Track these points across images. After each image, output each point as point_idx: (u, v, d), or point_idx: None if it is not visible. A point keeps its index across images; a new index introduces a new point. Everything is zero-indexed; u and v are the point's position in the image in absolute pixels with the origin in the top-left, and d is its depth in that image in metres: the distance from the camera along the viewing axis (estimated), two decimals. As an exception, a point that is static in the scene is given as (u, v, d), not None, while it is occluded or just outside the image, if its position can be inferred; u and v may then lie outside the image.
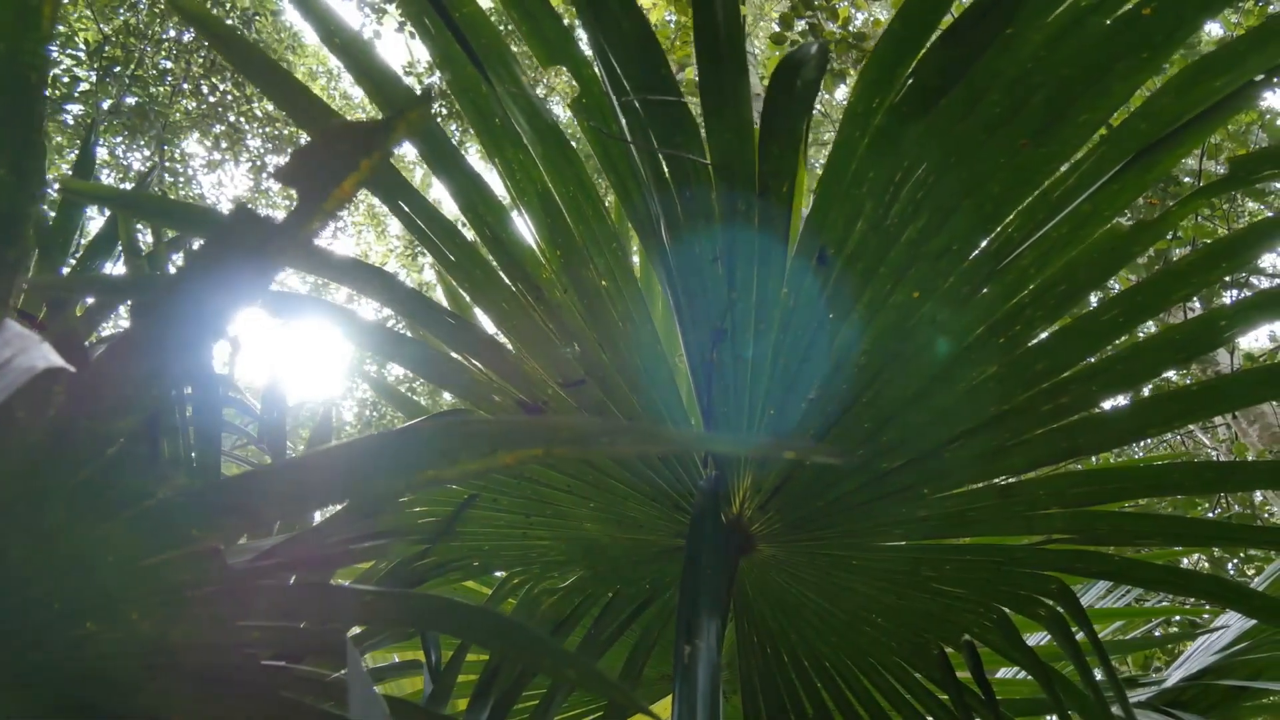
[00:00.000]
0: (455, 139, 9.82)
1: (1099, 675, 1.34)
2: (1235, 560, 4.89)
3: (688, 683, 0.84)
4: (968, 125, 0.92)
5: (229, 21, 7.42)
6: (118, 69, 6.72)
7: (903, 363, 1.09)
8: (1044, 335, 1.09)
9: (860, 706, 1.28)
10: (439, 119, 9.68)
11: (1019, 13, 0.83)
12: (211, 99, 7.45)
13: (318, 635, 0.69)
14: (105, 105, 6.77)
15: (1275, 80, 1.02)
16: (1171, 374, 5.26)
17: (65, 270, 1.52)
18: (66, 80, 6.57)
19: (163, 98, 7.13)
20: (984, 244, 1.04)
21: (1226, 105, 1.01)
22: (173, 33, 6.93)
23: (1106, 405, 1.14)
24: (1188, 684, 1.71)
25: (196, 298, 0.53)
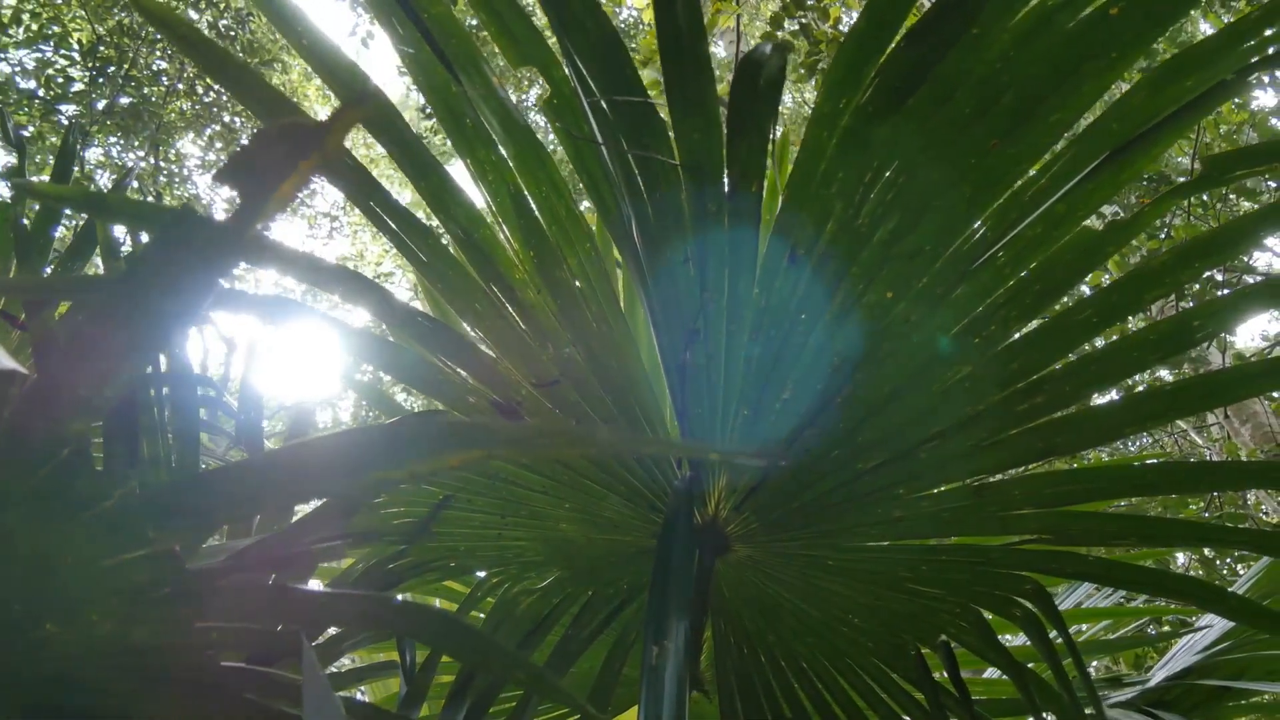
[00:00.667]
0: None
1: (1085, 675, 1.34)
2: (1229, 559, 4.89)
3: (655, 683, 0.84)
4: (936, 125, 0.92)
5: (224, 22, 7.43)
6: (112, 69, 6.72)
7: (877, 363, 1.09)
8: (1019, 335, 1.09)
9: (838, 707, 1.28)
10: (432, 119, 9.67)
11: (983, 12, 0.82)
12: (206, 99, 7.46)
13: (276, 636, 0.69)
14: (100, 105, 6.77)
15: (1247, 80, 1.02)
16: (1166, 374, 5.27)
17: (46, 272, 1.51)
18: (60, 80, 6.58)
19: (157, 98, 7.13)
20: (957, 244, 1.04)
21: (1199, 104, 1.01)
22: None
23: (1091, 405, 1.15)
24: (1172, 684, 1.71)
25: (144, 299, 0.53)
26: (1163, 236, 4.19)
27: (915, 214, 1.00)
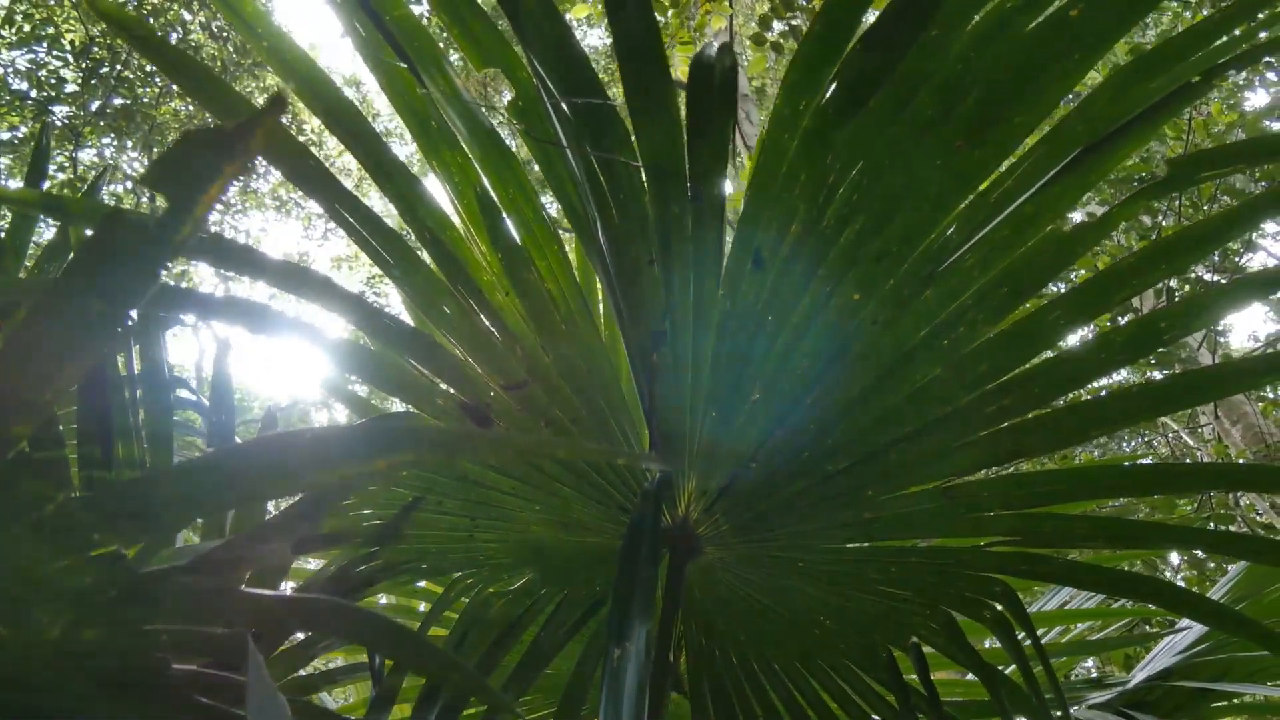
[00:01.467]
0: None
1: (1064, 677, 1.33)
2: (1222, 559, 4.87)
3: (616, 686, 0.83)
4: (899, 127, 0.92)
5: (217, 23, 7.42)
6: (104, 70, 6.71)
7: (846, 365, 1.09)
8: (988, 337, 1.09)
9: (809, 708, 1.27)
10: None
11: (940, 14, 0.82)
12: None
13: (223, 638, 0.69)
14: (93, 107, 6.77)
15: (1213, 82, 1.02)
16: (1158, 375, 5.26)
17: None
18: (53, 82, 6.57)
19: (150, 99, 7.12)
20: (924, 246, 1.03)
21: (1166, 106, 1.01)
22: (159, 34, 6.90)
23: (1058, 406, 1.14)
24: (1153, 684, 1.71)
25: (78, 301, 0.53)
26: (1154, 238, 4.19)
27: (881, 216, 1.00)
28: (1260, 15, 1.03)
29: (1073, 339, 1.14)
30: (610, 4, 0.75)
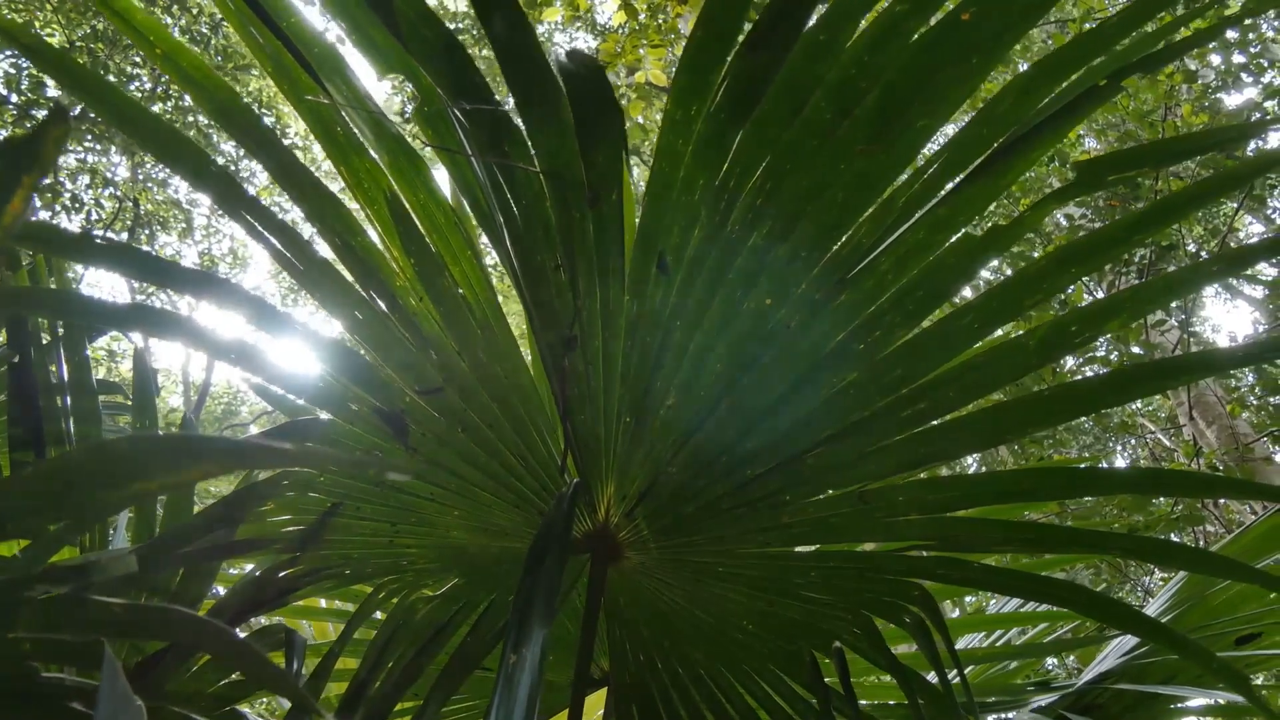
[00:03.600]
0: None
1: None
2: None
3: (509, 692, 0.83)
4: (797, 132, 0.92)
5: (202, 28, 7.42)
6: (86, 74, 6.69)
7: (762, 370, 1.09)
8: (903, 341, 1.09)
9: (736, 714, 1.27)
10: (410, 123, 9.65)
11: (825, 17, 0.82)
12: (184, 103, 7.44)
13: (79, 646, 0.69)
14: (75, 111, 6.76)
15: (1120, 85, 1.02)
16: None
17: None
18: (34, 86, 6.57)
19: (132, 103, 7.10)
20: (835, 250, 1.03)
21: (1075, 108, 1.01)
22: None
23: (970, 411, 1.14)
24: (1100, 687, 1.70)
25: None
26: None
27: (787, 220, 1.00)
28: (1160, 17, 1.03)
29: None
30: (480, 7, 0.75)
